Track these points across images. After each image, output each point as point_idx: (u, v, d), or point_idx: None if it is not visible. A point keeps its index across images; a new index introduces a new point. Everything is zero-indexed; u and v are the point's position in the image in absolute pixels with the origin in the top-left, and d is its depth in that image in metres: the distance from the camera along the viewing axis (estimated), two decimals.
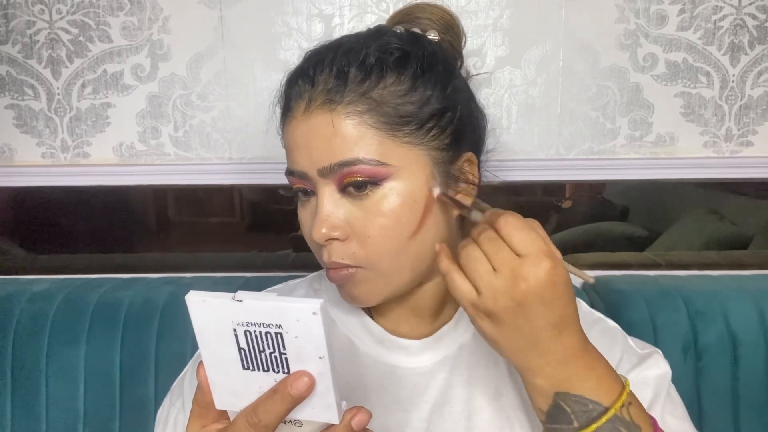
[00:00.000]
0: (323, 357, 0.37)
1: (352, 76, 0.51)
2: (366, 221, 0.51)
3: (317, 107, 0.51)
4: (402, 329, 0.60)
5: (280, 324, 0.36)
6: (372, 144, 0.50)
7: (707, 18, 0.94)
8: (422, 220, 0.52)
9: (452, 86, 0.55)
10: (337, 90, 0.51)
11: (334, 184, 0.51)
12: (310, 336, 0.36)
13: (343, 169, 0.50)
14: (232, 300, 0.37)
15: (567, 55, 0.95)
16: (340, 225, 0.51)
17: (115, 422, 0.85)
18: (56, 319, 0.87)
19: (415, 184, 0.52)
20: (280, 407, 0.38)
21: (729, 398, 0.83)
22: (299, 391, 0.37)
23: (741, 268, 1.02)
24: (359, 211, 0.51)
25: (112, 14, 0.96)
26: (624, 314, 0.85)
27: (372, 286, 0.53)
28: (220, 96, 0.98)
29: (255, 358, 0.38)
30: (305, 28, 0.95)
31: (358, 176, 0.50)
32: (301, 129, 0.52)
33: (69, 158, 1.01)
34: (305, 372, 0.37)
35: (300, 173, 0.53)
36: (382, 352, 0.58)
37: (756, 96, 0.96)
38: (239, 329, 0.37)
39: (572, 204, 1.04)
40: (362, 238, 0.51)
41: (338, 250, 0.52)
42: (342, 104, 0.50)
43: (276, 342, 0.37)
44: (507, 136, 0.98)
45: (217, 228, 1.06)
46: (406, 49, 0.53)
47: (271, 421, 0.38)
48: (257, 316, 0.37)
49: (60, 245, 1.07)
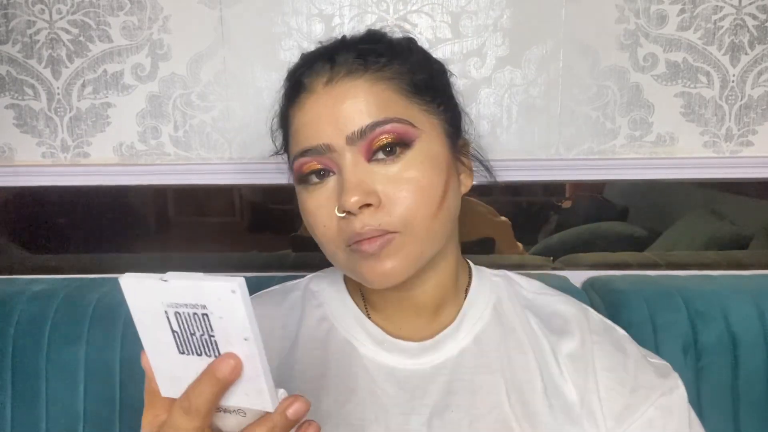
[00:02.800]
0: (248, 338, 0.36)
1: (371, 54, 0.53)
2: (400, 184, 0.51)
3: (341, 78, 0.52)
4: (402, 331, 0.59)
5: (204, 304, 0.36)
6: (399, 107, 0.52)
7: (707, 18, 0.94)
8: (447, 184, 0.53)
9: (448, 77, 0.60)
10: (360, 63, 0.53)
11: (362, 151, 0.51)
12: (233, 316, 0.35)
13: (375, 130, 0.50)
14: (160, 280, 0.36)
15: (567, 55, 0.95)
16: (373, 190, 0.50)
17: (115, 422, 0.85)
18: (56, 319, 0.87)
19: (438, 148, 0.54)
20: (209, 390, 0.37)
21: (729, 398, 0.83)
22: (224, 373, 0.37)
23: (741, 268, 1.02)
24: (391, 176, 0.51)
25: (112, 14, 0.96)
26: (624, 314, 0.85)
27: (408, 253, 0.51)
28: (220, 96, 0.98)
29: (188, 341, 0.37)
30: (305, 28, 0.95)
31: (389, 136, 0.51)
32: (323, 100, 0.52)
33: (69, 158, 1.01)
34: (232, 354, 0.37)
35: (322, 147, 0.52)
36: (381, 354, 0.58)
37: (756, 96, 0.96)
38: (170, 311, 0.37)
39: (572, 204, 1.04)
40: (396, 202, 0.50)
41: (372, 217, 0.50)
42: (369, 72, 0.53)
43: (204, 324, 0.36)
44: (507, 136, 0.98)
45: (217, 228, 1.06)
46: (408, 41, 0.58)
47: (201, 405, 0.37)
48: (183, 296, 0.36)
49: (60, 245, 1.07)
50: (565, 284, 0.91)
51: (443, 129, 0.55)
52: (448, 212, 0.54)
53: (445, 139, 0.55)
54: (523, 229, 1.05)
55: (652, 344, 0.83)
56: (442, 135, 0.55)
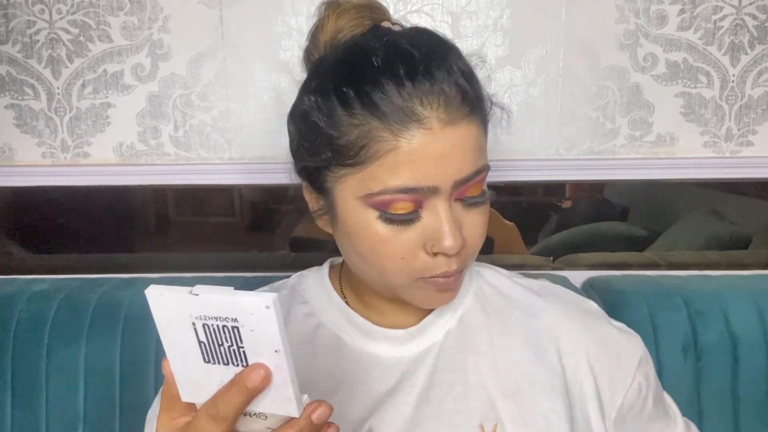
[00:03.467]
0: (279, 350, 0.37)
1: (459, 78, 0.50)
2: (477, 229, 0.53)
3: (458, 117, 0.49)
4: (388, 320, 0.60)
5: (235, 318, 0.37)
6: (485, 149, 0.54)
7: (707, 18, 0.94)
8: None
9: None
10: (463, 96, 0.49)
11: (454, 194, 0.50)
12: (264, 329, 0.36)
13: (475, 178, 0.51)
14: (189, 294, 0.37)
15: (567, 55, 0.95)
16: (463, 235, 0.51)
17: (115, 422, 0.85)
18: (56, 319, 0.87)
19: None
20: (238, 399, 0.38)
21: (729, 398, 0.83)
22: (254, 383, 0.38)
23: (741, 268, 1.02)
24: (472, 219, 0.53)
25: (112, 14, 0.96)
26: (624, 314, 0.85)
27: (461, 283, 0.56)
28: (220, 96, 0.98)
29: (215, 351, 0.38)
30: (305, 28, 0.95)
31: (482, 183, 0.52)
32: (441, 142, 0.48)
33: (69, 158, 1.01)
34: (261, 365, 0.38)
35: (428, 189, 0.49)
36: (369, 344, 0.59)
37: (756, 96, 0.96)
38: (198, 323, 0.38)
39: (572, 204, 1.04)
40: (473, 244, 0.53)
41: (458, 258, 0.52)
42: (474, 109, 0.50)
43: (233, 335, 0.37)
44: (507, 136, 0.98)
45: (217, 228, 1.06)
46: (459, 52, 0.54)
47: (229, 412, 0.38)
48: (213, 309, 0.37)
49: (60, 245, 1.07)
50: (565, 284, 0.91)
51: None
52: None
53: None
54: (523, 229, 1.05)
55: (652, 344, 0.83)
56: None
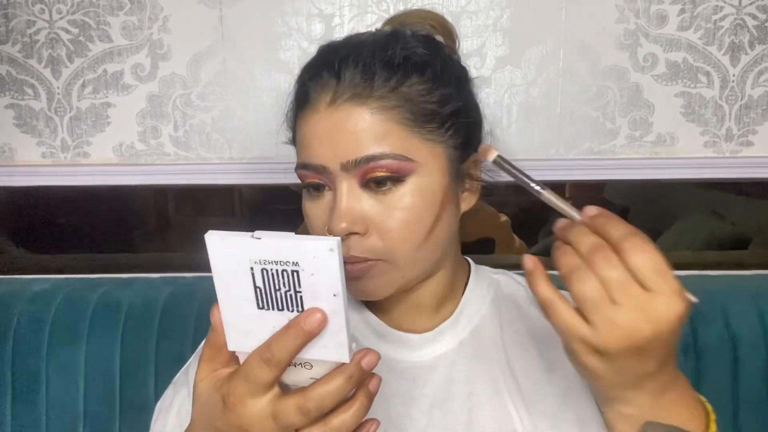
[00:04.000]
0: (337, 294, 0.38)
1: (379, 74, 0.52)
2: (388, 215, 0.52)
3: (345, 101, 0.51)
4: (403, 324, 0.60)
5: (297, 261, 0.37)
6: (398, 140, 0.51)
7: (707, 18, 0.94)
8: (438, 215, 0.54)
9: (466, 87, 0.58)
10: (364, 86, 0.51)
11: (356, 178, 0.52)
12: (325, 273, 0.37)
13: (369, 164, 0.51)
14: (251, 238, 0.37)
15: (567, 55, 0.95)
16: (360, 219, 0.52)
17: (115, 422, 0.85)
18: (56, 319, 0.87)
19: (435, 179, 0.53)
20: (293, 343, 0.38)
21: (729, 398, 0.83)
22: (312, 326, 0.38)
23: (741, 268, 1.02)
24: (380, 206, 0.52)
25: (112, 14, 0.96)
26: None
27: (387, 278, 0.54)
28: (220, 96, 0.98)
29: (270, 296, 0.39)
30: (305, 28, 0.95)
31: (382, 171, 0.51)
32: (324, 122, 0.52)
33: (69, 158, 1.01)
34: (318, 309, 0.38)
35: (318, 167, 0.53)
36: (382, 346, 0.59)
37: (756, 96, 0.96)
38: (256, 267, 0.38)
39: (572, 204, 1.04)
40: (383, 233, 0.52)
41: (357, 244, 0.52)
42: (371, 99, 0.51)
43: (292, 280, 0.38)
44: (507, 136, 0.98)
45: (217, 228, 1.06)
46: (427, 50, 0.55)
47: (283, 356, 0.38)
48: (275, 253, 0.37)
49: (60, 245, 1.07)
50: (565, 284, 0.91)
51: (446, 156, 0.54)
52: (439, 238, 0.55)
53: (446, 167, 0.54)
54: (524, 229, 1.05)
55: None
56: (443, 163, 0.54)
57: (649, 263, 0.39)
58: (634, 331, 0.39)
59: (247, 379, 0.39)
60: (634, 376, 0.42)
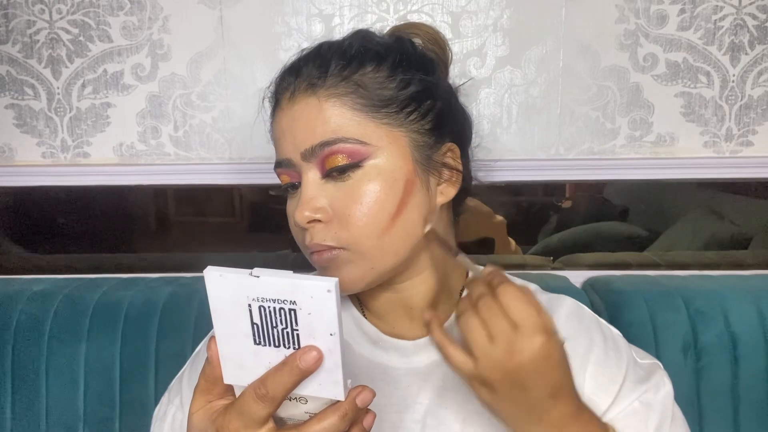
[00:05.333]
0: (334, 334, 0.38)
1: (333, 65, 0.53)
2: (347, 201, 0.52)
3: (300, 93, 0.53)
4: (397, 330, 0.60)
5: (294, 300, 0.37)
6: (352, 124, 0.52)
7: (707, 18, 0.94)
8: (403, 201, 0.53)
9: (432, 77, 0.57)
10: (318, 76, 0.53)
11: (317, 168, 0.53)
12: (322, 313, 0.37)
13: (324, 150, 0.51)
14: (250, 276, 0.38)
15: (567, 55, 0.95)
16: (322, 207, 0.53)
17: (115, 422, 0.85)
18: (56, 319, 0.87)
19: (395, 164, 0.53)
20: (288, 380, 0.39)
21: (729, 398, 0.83)
22: (308, 364, 0.38)
23: (741, 268, 1.02)
24: (341, 193, 0.52)
25: (112, 14, 0.96)
26: (624, 314, 0.85)
27: (355, 268, 0.53)
28: (220, 96, 0.98)
29: (267, 333, 0.39)
30: (305, 28, 0.95)
31: (339, 155, 0.51)
32: (286, 117, 0.54)
33: (69, 158, 1.01)
34: (314, 347, 0.39)
35: (286, 161, 0.55)
36: (376, 353, 0.58)
37: (756, 96, 0.96)
38: (254, 305, 0.38)
39: (572, 204, 1.04)
40: (344, 219, 0.52)
41: (320, 232, 0.53)
42: (323, 88, 0.52)
43: (289, 318, 0.38)
44: (507, 136, 0.98)
45: (217, 228, 1.06)
46: (386, 42, 0.57)
47: (278, 393, 0.39)
48: (273, 292, 0.38)
49: (60, 245, 1.07)
50: (565, 284, 0.91)
51: (410, 141, 0.54)
52: (407, 227, 0.54)
53: (410, 152, 0.54)
54: (523, 229, 1.05)
55: (652, 344, 0.83)
56: (405, 148, 0.53)
57: (515, 303, 0.44)
58: (504, 363, 0.43)
59: (242, 414, 0.39)
60: (525, 408, 0.45)
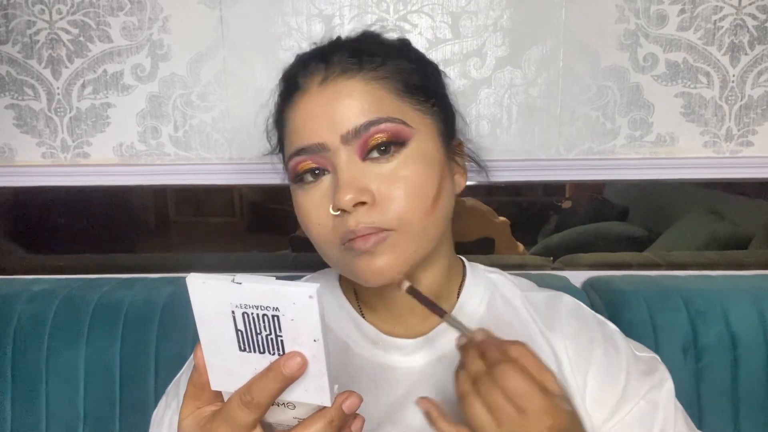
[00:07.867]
0: (317, 340, 0.38)
1: (366, 54, 0.54)
2: (393, 183, 0.51)
3: (336, 76, 0.53)
4: (396, 329, 0.60)
5: (277, 307, 0.37)
6: (393, 106, 0.52)
7: (707, 18, 0.94)
8: (440, 185, 0.54)
9: (442, 78, 0.60)
10: (354, 63, 0.53)
11: (357, 150, 0.51)
12: (305, 319, 0.37)
13: (369, 129, 0.51)
14: (232, 282, 0.38)
15: (567, 55, 0.95)
16: (367, 188, 0.51)
17: (115, 422, 0.85)
18: (56, 319, 0.87)
19: (432, 147, 0.54)
20: (273, 386, 0.38)
21: (729, 398, 0.83)
22: (291, 370, 0.38)
23: (741, 268, 1.02)
24: (384, 175, 0.51)
25: (112, 14, 0.96)
26: (624, 314, 0.85)
27: (402, 251, 0.52)
28: (220, 96, 0.98)
29: (252, 340, 0.39)
30: (305, 28, 0.95)
31: (384, 135, 0.51)
32: (317, 100, 0.53)
33: (69, 158, 1.01)
34: (298, 353, 0.38)
35: (317, 146, 0.52)
36: (376, 353, 0.59)
37: (756, 96, 0.96)
38: (237, 311, 0.38)
39: (572, 204, 1.04)
40: (390, 201, 0.51)
41: (366, 215, 0.50)
42: (362, 72, 0.53)
43: (272, 324, 0.38)
44: (507, 136, 0.98)
45: (217, 228, 1.06)
46: (398, 41, 0.59)
47: (263, 399, 0.38)
48: (255, 298, 0.37)
49: (60, 245, 1.07)
50: (565, 284, 0.91)
51: (437, 129, 0.55)
52: (443, 211, 0.55)
53: (438, 139, 0.55)
54: (523, 229, 1.05)
55: (652, 344, 0.83)
56: (435, 135, 0.55)
57: (516, 386, 0.44)
58: None
59: (228, 420, 0.39)
60: None
